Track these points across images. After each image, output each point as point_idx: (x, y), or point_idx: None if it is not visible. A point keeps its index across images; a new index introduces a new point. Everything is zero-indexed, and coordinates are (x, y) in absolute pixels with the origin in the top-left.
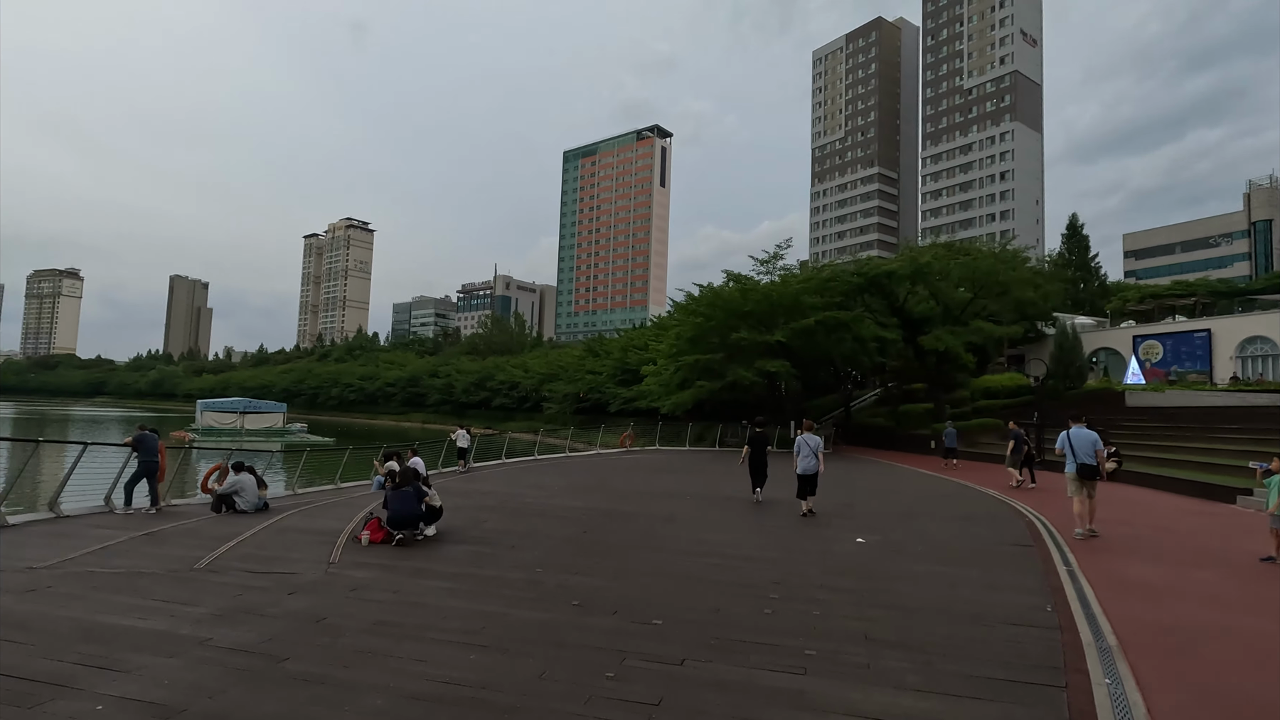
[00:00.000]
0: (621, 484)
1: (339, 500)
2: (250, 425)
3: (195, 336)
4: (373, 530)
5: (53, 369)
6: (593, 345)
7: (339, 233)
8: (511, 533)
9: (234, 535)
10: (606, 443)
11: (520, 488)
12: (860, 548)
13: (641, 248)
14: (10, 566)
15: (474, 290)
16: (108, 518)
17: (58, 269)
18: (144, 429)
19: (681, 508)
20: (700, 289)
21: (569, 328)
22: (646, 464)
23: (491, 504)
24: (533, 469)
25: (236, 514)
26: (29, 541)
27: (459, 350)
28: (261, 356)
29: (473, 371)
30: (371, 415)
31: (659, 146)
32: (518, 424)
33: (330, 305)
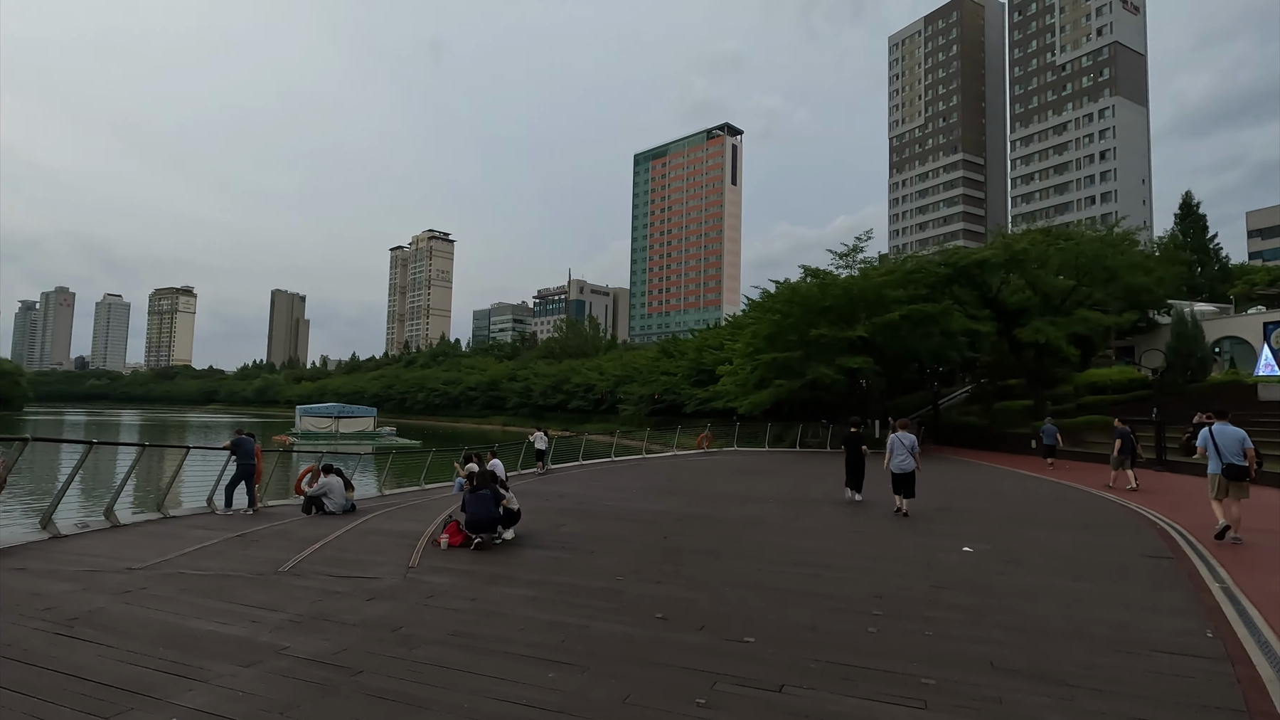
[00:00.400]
0: (701, 487)
1: (422, 502)
2: (344, 429)
3: (295, 346)
4: (451, 534)
5: (172, 379)
6: (667, 346)
7: (422, 244)
8: (590, 537)
9: (320, 537)
10: (683, 444)
11: (598, 490)
12: (968, 558)
13: (714, 247)
14: (112, 567)
15: (549, 295)
16: (208, 519)
17: (175, 287)
18: (241, 433)
19: (766, 512)
20: (776, 286)
21: (642, 330)
22: (725, 465)
23: (569, 507)
24: (610, 471)
25: (325, 515)
26: (135, 541)
27: (536, 354)
28: (354, 364)
29: (549, 375)
30: (455, 418)
31: (729, 145)
32: (593, 426)
33: (415, 314)
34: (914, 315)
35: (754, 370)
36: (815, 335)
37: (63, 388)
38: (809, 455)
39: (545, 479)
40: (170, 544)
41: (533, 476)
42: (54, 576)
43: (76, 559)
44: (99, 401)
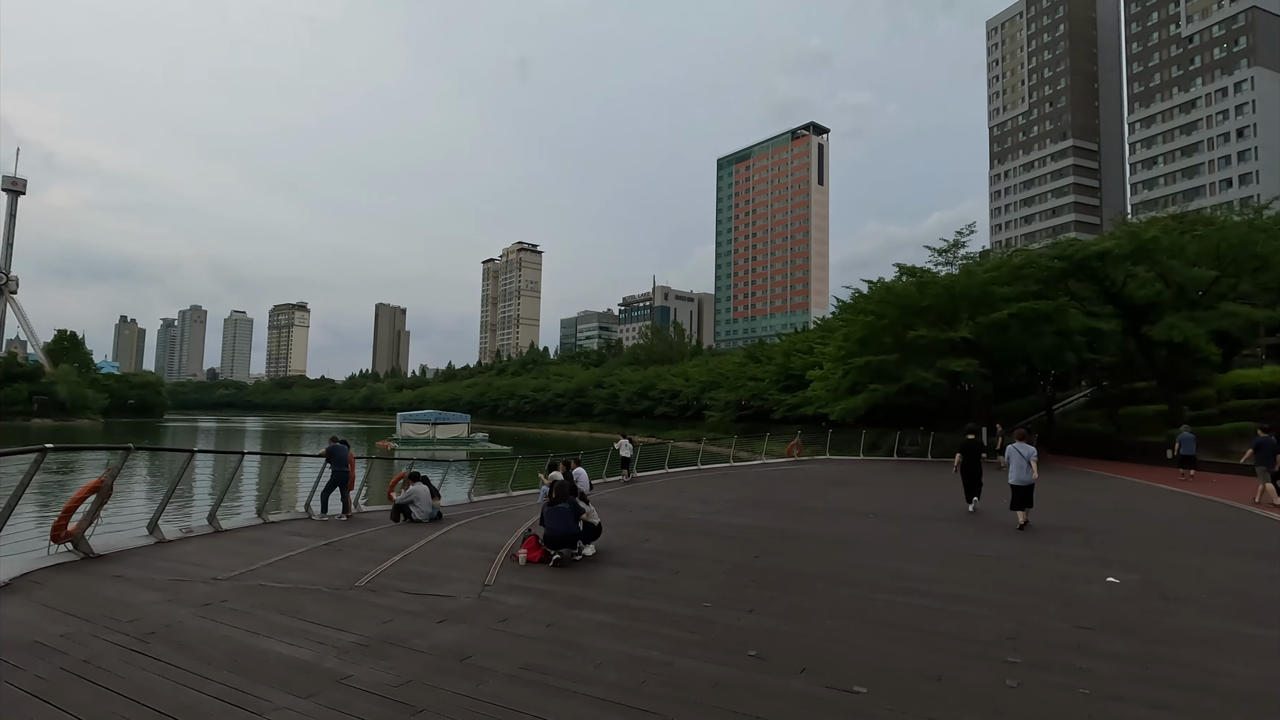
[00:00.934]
0: (794, 498)
1: (507, 509)
2: (440, 435)
3: (397, 356)
4: (530, 548)
5: (289, 388)
6: (753, 351)
7: (512, 256)
8: (676, 555)
9: (401, 548)
10: (772, 451)
11: (684, 501)
12: (1115, 590)
13: (801, 250)
14: (200, 576)
15: (634, 302)
16: (304, 524)
17: (291, 303)
18: (335, 441)
19: (867, 529)
20: (869, 285)
21: (728, 335)
22: (818, 475)
23: (654, 520)
24: (697, 480)
25: (412, 523)
26: (229, 548)
27: (621, 361)
28: (450, 373)
29: (635, 381)
30: (544, 425)
31: (815, 144)
32: (680, 432)
33: (506, 323)
34: (1025, 314)
35: (846, 375)
36: (913, 337)
37: (196, 397)
38: (907, 465)
39: (630, 488)
40: (260, 551)
41: (617, 485)
42: (146, 585)
43: (171, 566)
44: (227, 409)
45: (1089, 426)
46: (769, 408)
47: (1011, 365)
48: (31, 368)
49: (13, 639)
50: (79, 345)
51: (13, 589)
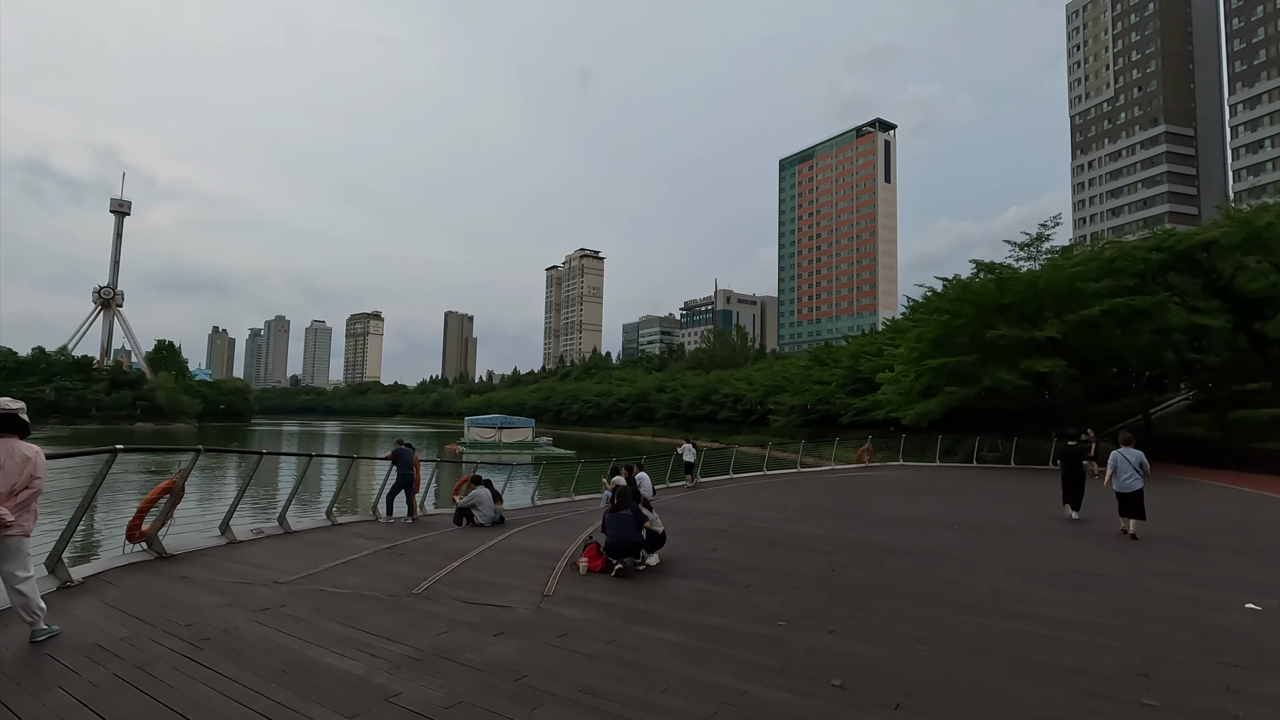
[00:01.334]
0: (869, 507)
1: (570, 514)
2: (506, 439)
3: (465, 362)
4: (591, 557)
5: (364, 394)
6: (819, 354)
7: (574, 262)
8: (745, 566)
9: (462, 553)
10: (841, 457)
11: (752, 508)
12: (1257, 619)
13: (867, 249)
14: (262, 579)
15: (696, 306)
16: (370, 527)
17: (367, 312)
18: (401, 444)
19: (953, 541)
20: (944, 284)
21: (792, 338)
22: (892, 482)
23: (721, 528)
24: (763, 486)
25: (474, 527)
26: (295, 550)
27: (684, 365)
28: (515, 378)
29: (697, 385)
30: (607, 429)
31: (881, 141)
32: (743, 437)
33: (569, 329)
34: (1119, 310)
35: (918, 377)
36: (993, 337)
37: (280, 402)
38: (989, 472)
39: (695, 494)
40: (324, 554)
41: (681, 490)
42: (209, 588)
43: (237, 568)
44: (308, 414)
45: (1192, 432)
46: (836, 412)
47: (1102, 366)
48: (135, 375)
49: (75, 641)
50: (176, 354)
51: (85, 588)
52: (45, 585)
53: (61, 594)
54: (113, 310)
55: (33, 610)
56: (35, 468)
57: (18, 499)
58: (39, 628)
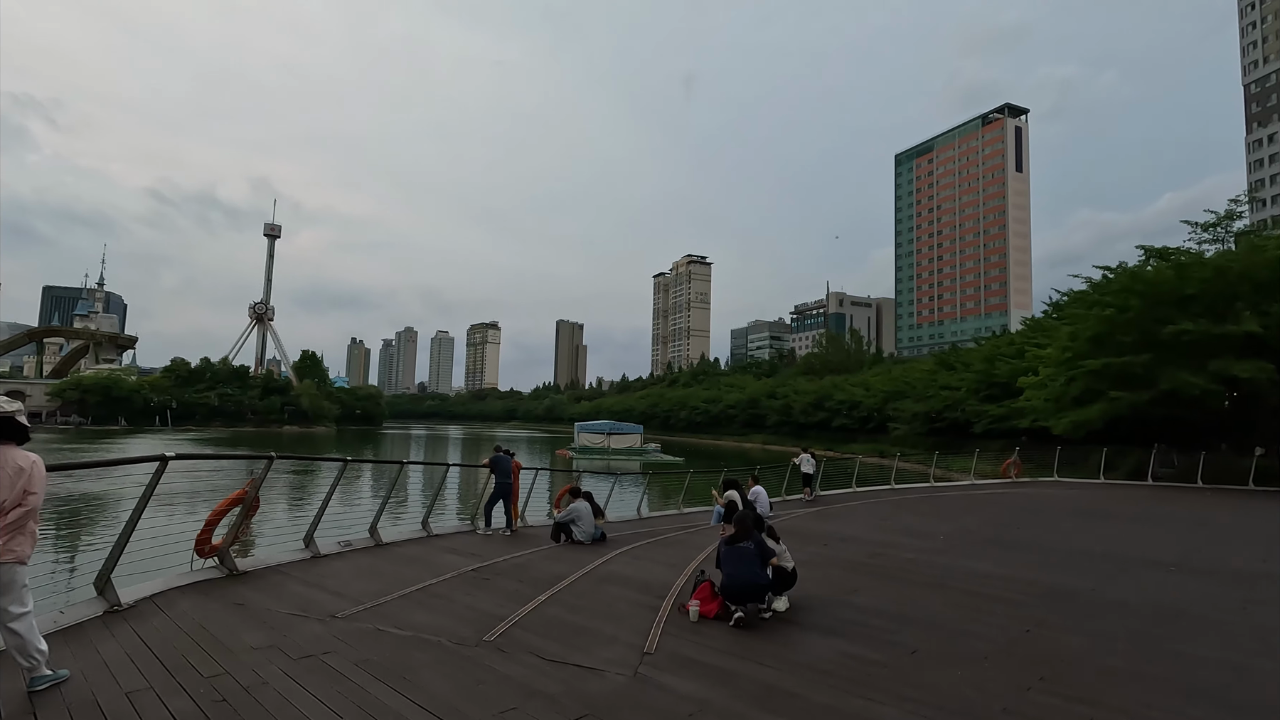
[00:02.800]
0: (1041, 535)
1: (677, 531)
2: (614, 444)
3: (575, 369)
4: (703, 599)
5: (483, 400)
6: (945, 358)
7: (681, 269)
8: (903, 619)
9: (553, 580)
10: (981, 471)
11: (890, 533)
12: None
13: (995, 245)
14: (323, 607)
15: (806, 310)
16: (465, 539)
17: (485, 323)
18: (499, 450)
19: (1179, 590)
20: (1106, 273)
21: (911, 341)
22: (1055, 503)
23: (858, 558)
24: (897, 504)
25: (573, 544)
26: (375, 568)
27: (795, 371)
28: (623, 384)
29: (810, 392)
30: (715, 436)
31: (1011, 128)
32: (860, 446)
33: (676, 335)
34: None
35: (1071, 381)
36: (1173, 333)
37: (409, 407)
38: (1170, 492)
39: (818, 513)
40: (404, 575)
41: (799, 506)
42: (259, 620)
43: (301, 592)
44: (434, 419)
45: None
46: (966, 420)
47: None
48: (283, 383)
49: (75, 695)
50: (318, 363)
51: (133, 614)
52: (91, 609)
53: (105, 620)
54: (265, 324)
55: (30, 653)
56: (30, 480)
57: (8, 518)
58: (39, 674)
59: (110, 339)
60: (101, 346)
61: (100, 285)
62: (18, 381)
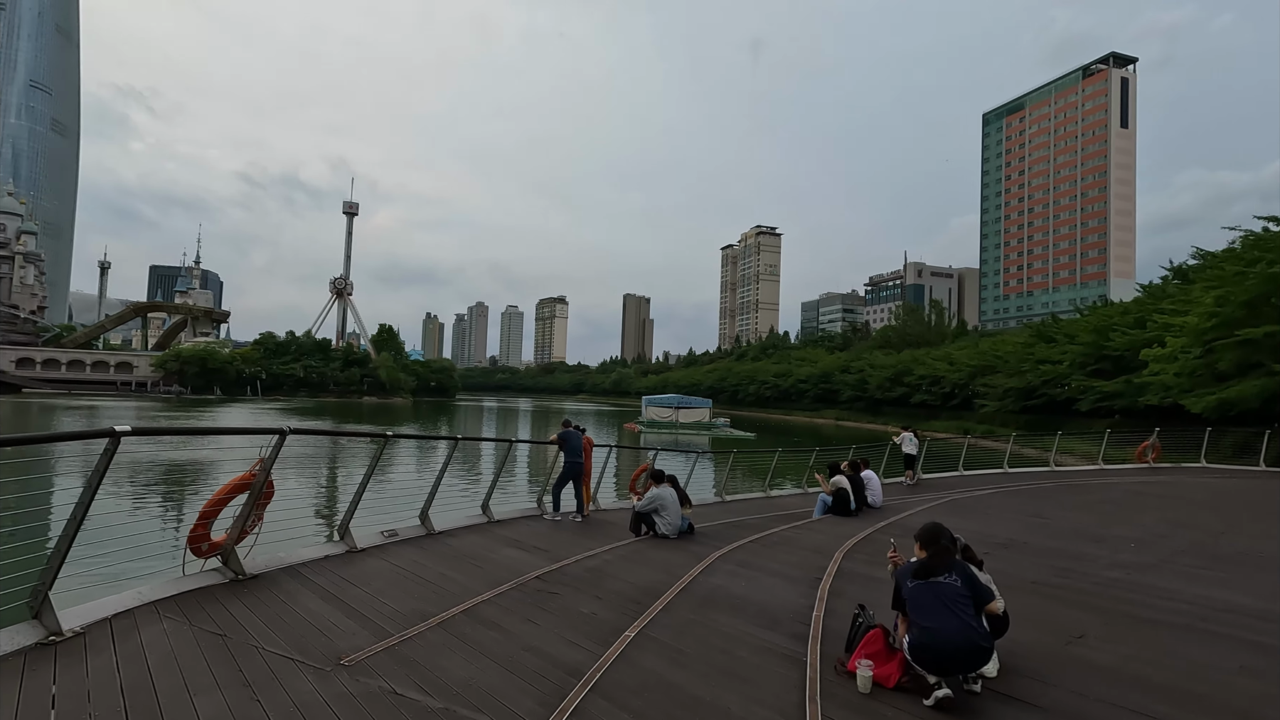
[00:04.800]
0: (1260, 545)
1: (778, 524)
2: (683, 419)
3: (642, 343)
4: (875, 656)
5: (551, 373)
6: (1043, 329)
7: (750, 240)
8: (1166, 692)
9: (640, 599)
10: (1109, 456)
11: (1056, 536)
12: None
13: (1095, 209)
14: (321, 648)
15: (882, 282)
16: (531, 526)
17: (553, 297)
18: (568, 425)
19: None
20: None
21: (997, 313)
22: (1235, 496)
23: (1043, 575)
24: (1030, 493)
25: (656, 538)
26: (418, 569)
27: (870, 345)
28: (690, 358)
29: (887, 366)
30: (786, 411)
31: (1116, 79)
32: (942, 423)
33: (745, 309)
34: None
35: (1207, 352)
36: None
37: (480, 380)
38: None
39: (944, 505)
40: (451, 581)
41: (902, 490)
42: (232, 669)
43: (315, 610)
44: (504, 391)
45: None
46: (1069, 397)
47: None
48: (362, 355)
49: None
50: (395, 337)
51: (67, 649)
52: (19, 638)
53: (35, 657)
54: (345, 299)
55: None
56: None
57: None
58: None
59: (206, 313)
60: (198, 321)
61: (197, 263)
62: (126, 353)
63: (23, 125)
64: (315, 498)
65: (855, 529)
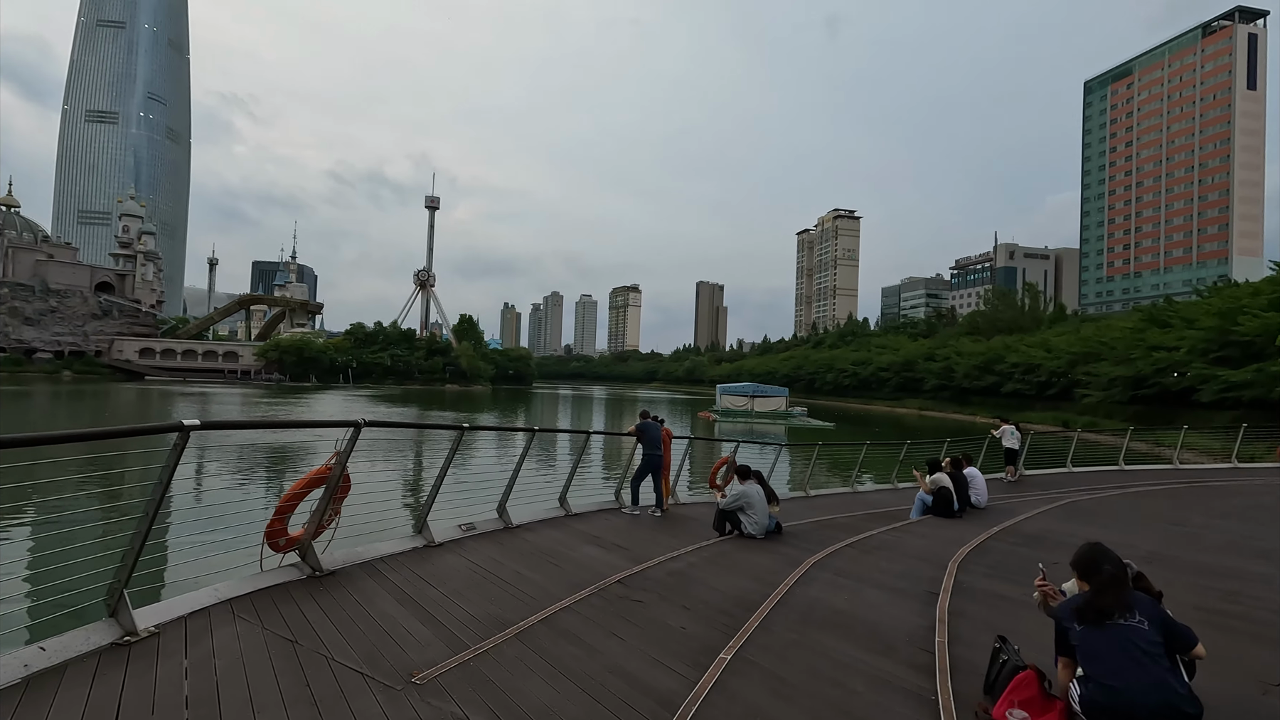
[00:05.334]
0: None
1: (873, 525)
2: (758, 408)
3: (715, 330)
4: (1029, 705)
5: (625, 361)
6: (1157, 313)
7: (827, 224)
8: None
9: (734, 611)
10: (1243, 453)
11: (1207, 550)
12: None
13: (1215, 181)
14: (392, 660)
15: (969, 265)
16: (609, 520)
17: (626, 286)
18: (646, 416)
19: None
20: None
21: (1100, 296)
22: None
23: (1208, 601)
24: (1163, 495)
25: (741, 538)
26: (495, 566)
27: (957, 331)
28: (765, 346)
29: (976, 353)
30: (865, 400)
31: (1242, 36)
32: (1037, 414)
33: (821, 295)
34: None
35: None
36: None
37: (556, 368)
38: None
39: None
40: (527, 584)
41: (1003, 489)
42: (298, 682)
43: (390, 612)
44: (579, 379)
45: None
46: (1187, 386)
47: None
48: (445, 345)
49: None
50: (474, 327)
51: (140, 652)
52: (95, 638)
53: (109, 656)
54: (428, 290)
55: None
56: None
57: None
58: None
59: (301, 305)
60: (295, 312)
61: (294, 258)
62: (233, 344)
63: (142, 135)
64: (393, 490)
65: (964, 534)
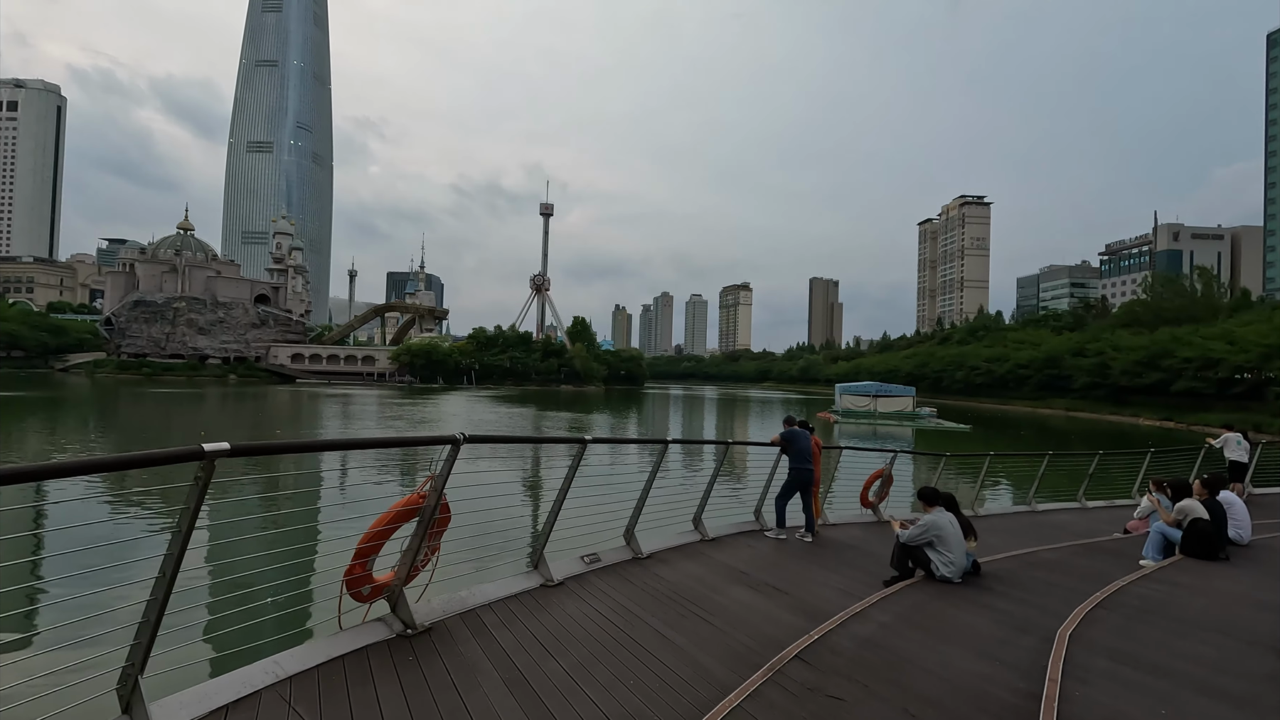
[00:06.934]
0: None
1: (1090, 560)
2: (882, 408)
3: (830, 328)
4: None
5: (736, 361)
6: None
7: (953, 213)
8: None
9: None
10: None
11: None
12: None
13: None
14: None
15: (1122, 249)
16: (753, 549)
17: (736, 284)
18: (793, 423)
19: None
20: None
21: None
22: None
23: None
24: None
25: (932, 581)
26: (624, 620)
27: (1112, 322)
28: (885, 343)
29: (1137, 348)
30: (1001, 400)
31: None
32: (1216, 416)
33: (947, 288)
34: None
35: None
36: None
37: (667, 368)
38: None
39: None
40: (667, 651)
41: None
42: None
43: (493, 692)
44: (690, 379)
45: None
46: None
47: None
48: (559, 346)
49: None
50: (587, 328)
51: None
52: None
53: None
54: (543, 294)
55: None
56: None
57: None
58: None
59: (429, 312)
60: (424, 318)
61: (422, 268)
62: (370, 348)
63: (292, 161)
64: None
65: (1259, 589)
